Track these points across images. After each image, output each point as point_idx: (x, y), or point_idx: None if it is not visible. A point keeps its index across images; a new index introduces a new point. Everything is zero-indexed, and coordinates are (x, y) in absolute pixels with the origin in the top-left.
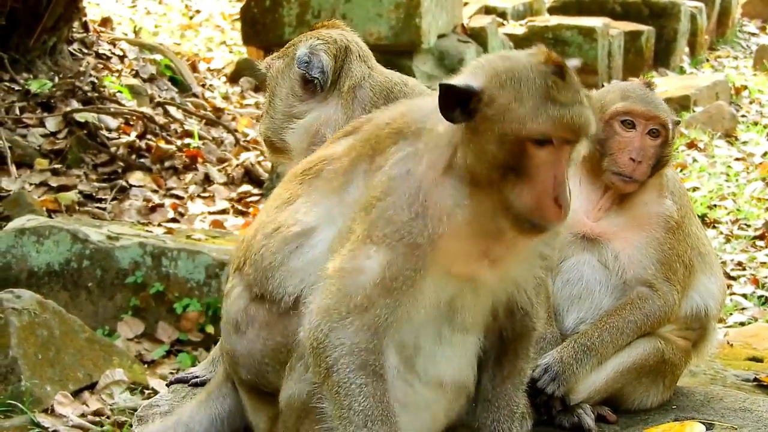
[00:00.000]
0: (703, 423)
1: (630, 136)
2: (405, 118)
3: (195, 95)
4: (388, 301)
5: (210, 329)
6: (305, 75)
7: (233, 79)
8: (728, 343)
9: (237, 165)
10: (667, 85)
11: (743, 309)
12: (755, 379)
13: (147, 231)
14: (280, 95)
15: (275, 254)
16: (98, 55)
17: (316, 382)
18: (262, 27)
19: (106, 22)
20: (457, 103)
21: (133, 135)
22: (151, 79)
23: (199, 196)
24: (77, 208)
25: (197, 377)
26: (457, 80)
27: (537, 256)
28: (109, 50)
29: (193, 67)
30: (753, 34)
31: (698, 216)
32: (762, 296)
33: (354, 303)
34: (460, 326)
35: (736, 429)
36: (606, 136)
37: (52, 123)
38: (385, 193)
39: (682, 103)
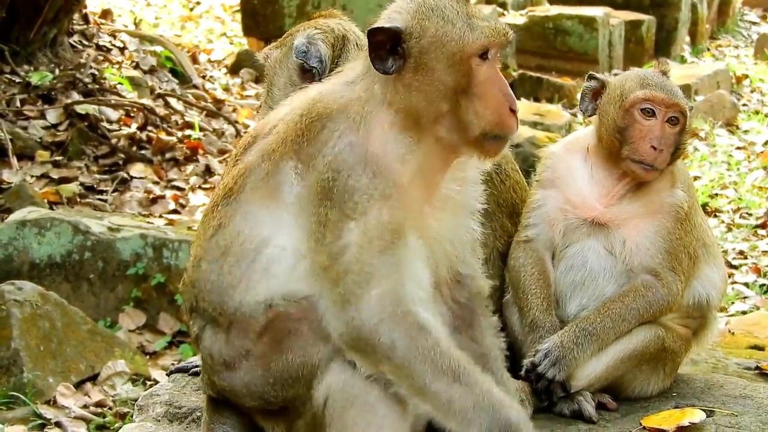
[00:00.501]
0: (704, 410)
1: (650, 124)
2: (321, 102)
3: (195, 87)
4: (390, 259)
5: None
6: (303, 64)
7: (234, 70)
8: (730, 331)
9: None
10: None
11: (745, 298)
12: (757, 368)
13: (148, 222)
14: (278, 85)
15: (231, 274)
16: (99, 47)
17: (373, 372)
18: (262, 18)
19: (106, 13)
20: (387, 51)
21: (134, 127)
22: (151, 71)
23: (200, 187)
24: (78, 199)
25: (197, 366)
26: (382, 23)
27: (469, 209)
28: (110, 42)
29: (194, 59)
30: (754, 23)
31: (700, 205)
32: (764, 285)
33: (361, 278)
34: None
35: (736, 416)
36: (626, 124)
37: (52, 115)
38: (336, 171)
39: (683, 93)
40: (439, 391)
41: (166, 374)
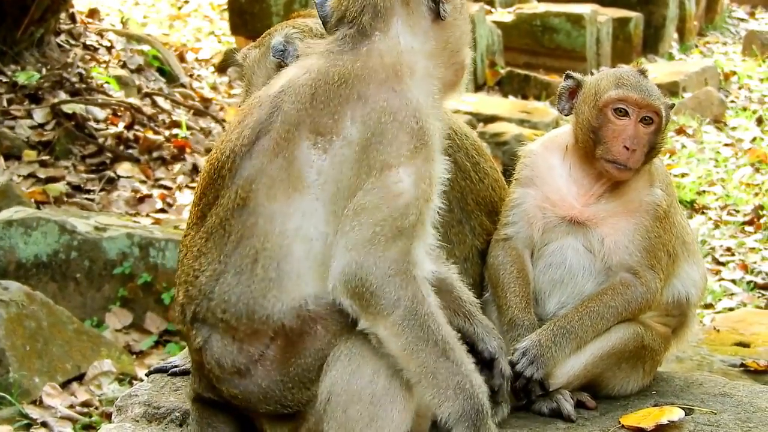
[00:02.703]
0: (683, 408)
1: (623, 124)
2: (329, 71)
3: (183, 85)
4: (422, 217)
5: None
6: (281, 63)
7: (221, 69)
8: (715, 328)
9: None
10: (656, 71)
11: (732, 294)
12: (742, 365)
13: (134, 222)
14: (257, 85)
15: (264, 281)
16: (86, 47)
17: (367, 325)
18: (250, 17)
19: (93, 13)
20: None
21: (121, 126)
22: (138, 70)
23: (187, 186)
24: (65, 199)
25: (176, 366)
26: None
27: None
28: (97, 41)
29: (181, 58)
30: (742, 20)
31: (687, 202)
32: (751, 282)
33: (401, 223)
34: None
35: (715, 414)
36: (599, 124)
37: (39, 114)
38: (378, 124)
39: (671, 89)
40: (428, 361)
41: (145, 374)
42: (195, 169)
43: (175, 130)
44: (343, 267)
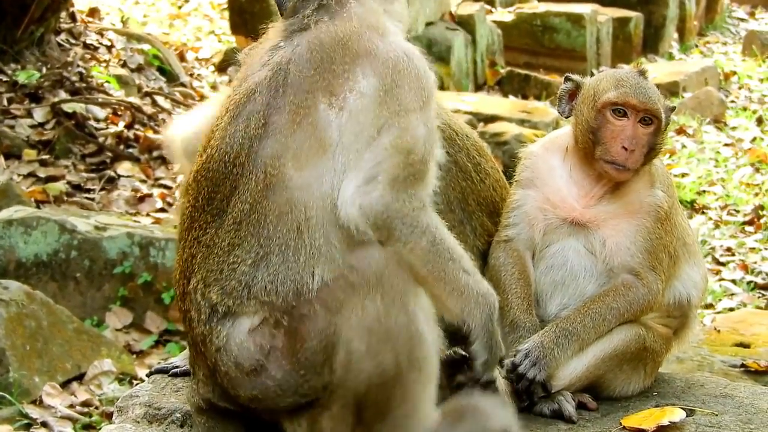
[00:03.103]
0: (684, 409)
1: (622, 125)
2: (331, 34)
3: (183, 85)
4: (434, 159)
5: None
6: None
7: (221, 68)
8: (715, 329)
9: None
10: (656, 71)
11: (732, 295)
12: (742, 365)
13: (134, 221)
14: None
15: (304, 255)
16: (86, 46)
17: (399, 255)
18: (250, 16)
19: (93, 12)
20: None
21: (121, 125)
22: (138, 69)
23: None
24: (65, 198)
25: (177, 367)
26: None
27: None
28: (97, 40)
29: (181, 57)
30: (742, 20)
31: (688, 202)
32: (751, 282)
33: (422, 164)
34: None
35: (716, 415)
36: (598, 124)
37: (39, 114)
38: (394, 73)
39: (671, 89)
40: (453, 276)
41: (146, 375)
42: None
43: None
44: (372, 202)
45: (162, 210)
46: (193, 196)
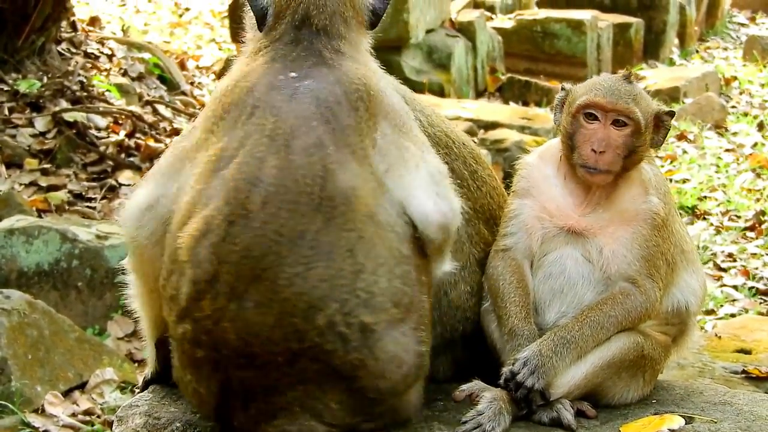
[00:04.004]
0: (683, 417)
1: (593, 128)
2: (352, 86)
3: (184, 93)
4: None
5: None
6: None
7: (222, 76)
8: (716, 335)
9: None
10: (656, 77)
11: (734, 301)
12: (743, 371)
13: None
14: None
15: None
16: (87, 55)
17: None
18: None
19: (94, 21)
20: None
21: (122, 134)
22: (139, 78)
23: None
24: (67, 207)
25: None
26: None
27: None
28: (98, 49)
29: (182, 65)
30: (743, 25)
31: (689, 208)
32: (752, 287)
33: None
34: None
35: (715, 422)
36: (573, 129)
37: (41, 123)
38: (402, 113)
39: (671, 95)
40: None
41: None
42: None
43: (176, 138)
44: (438, 213)
45: None
46: (257, 235)
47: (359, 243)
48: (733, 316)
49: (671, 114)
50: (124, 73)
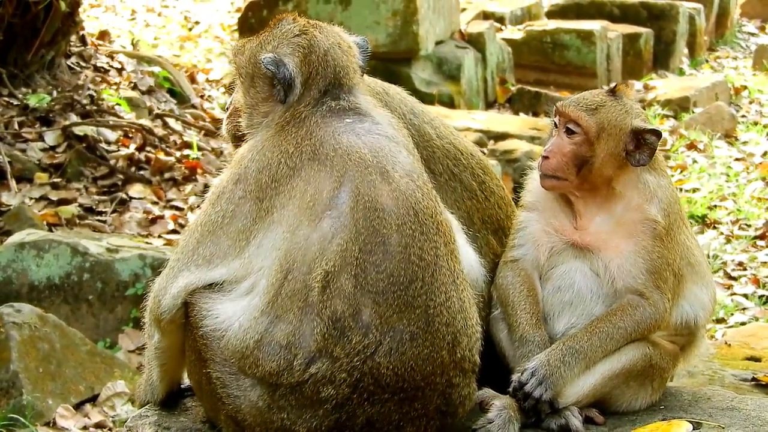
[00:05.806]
0: (691, 422)
1: (554, 136)
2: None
3: (194, 106)
4: None
5: None
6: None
7: (232, 89)
8: (726, 343)
9: None
10: (666, 86)
11: (744, 309)
12: (753, 379)
13: (146, 243)
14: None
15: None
16: (96, 68)
17: None
18: None
19: (104, 35)
20: None
21: (133, 147)
22: (149, 91)
23: (199, 206)
24: (77, 221)
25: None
26: None
27: None
28: (107, 63)
29: (192, 79)
30: (752, 34)
31: (699, 217)
32: (763, 296)
33: None
34: None
35: (723, 428)
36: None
37: (51, 137)
38: None
39: (681, 105)
40: None
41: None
42: (206, 189)
43: (186, 151)
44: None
45: (174, 231)
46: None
47: (457, 289)
48: (743, 324)
49: (655, 132)
50: (134, 87)
